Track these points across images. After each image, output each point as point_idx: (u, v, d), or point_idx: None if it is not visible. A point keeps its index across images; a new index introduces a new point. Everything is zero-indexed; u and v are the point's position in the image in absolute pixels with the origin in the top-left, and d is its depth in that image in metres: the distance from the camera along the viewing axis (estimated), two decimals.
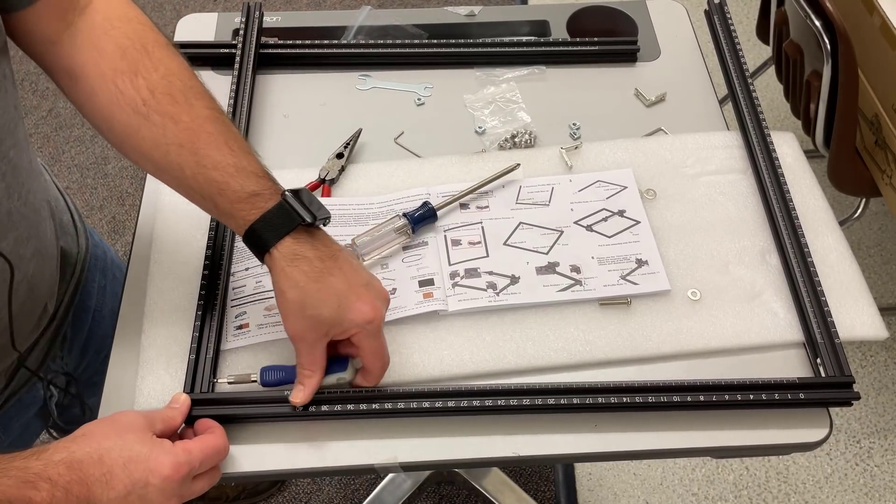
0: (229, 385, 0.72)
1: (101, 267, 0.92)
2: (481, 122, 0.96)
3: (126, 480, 0.58)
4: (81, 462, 0.57)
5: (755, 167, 0.89)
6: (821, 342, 0.75)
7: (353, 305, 0.66)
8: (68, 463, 0.56)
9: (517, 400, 0.71)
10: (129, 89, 0.66)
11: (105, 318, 0.92)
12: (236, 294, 0.79)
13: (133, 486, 0.58)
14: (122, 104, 0.66)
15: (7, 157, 0.65)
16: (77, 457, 0.57)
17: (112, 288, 0.94)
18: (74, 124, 2.15)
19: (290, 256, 0.65)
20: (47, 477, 0.55)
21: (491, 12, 1.09)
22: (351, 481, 1.57)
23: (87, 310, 0.89)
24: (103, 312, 0.92)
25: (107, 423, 0.62)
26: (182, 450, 0.62)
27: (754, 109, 0.93)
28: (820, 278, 0.79)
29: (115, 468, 0.58)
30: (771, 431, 0.72)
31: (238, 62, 0.95)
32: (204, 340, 0.74)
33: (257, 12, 1.01)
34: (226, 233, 0.82)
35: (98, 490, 0.57)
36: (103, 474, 0.57)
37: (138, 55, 0.67)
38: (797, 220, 0.83)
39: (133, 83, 0.66)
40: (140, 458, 0.59)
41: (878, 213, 1.97)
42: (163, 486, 0.59)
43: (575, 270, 0.81)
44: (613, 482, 1.57)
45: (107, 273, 0.94)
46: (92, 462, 0.57)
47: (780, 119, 2.11)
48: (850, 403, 0.72)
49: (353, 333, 0.67)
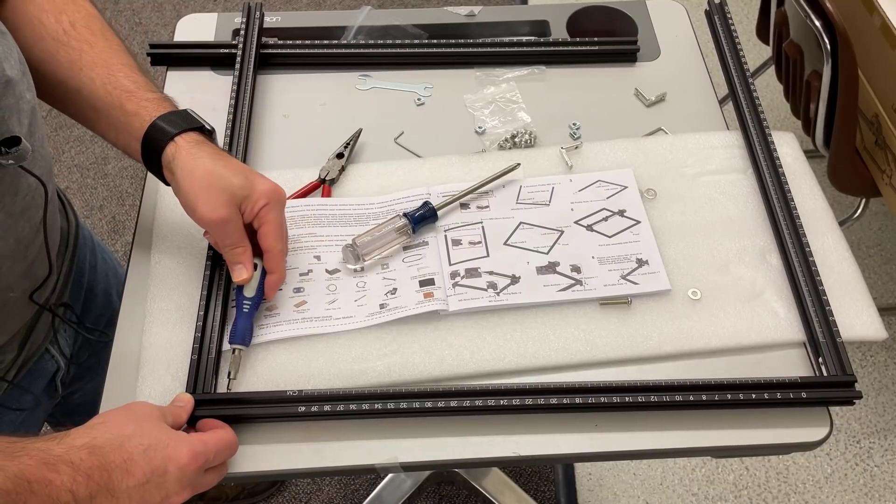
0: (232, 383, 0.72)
1: (89, 245, 0.94)
2: (481, 122, 0.96)
3: (146, 468, 0.58)
4: (103, 448, 0.57)
5: (756, 167, 0.89)
6: (823, 341, 0.75)
7: (258, 178, 0.73)
8: (90, 448, 0.57)
9: (517, 400, 0.71)
10: (52, 23, 0.74)
11: (98, 297, 0.94)
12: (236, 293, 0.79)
13: (152, 474, 0.58)
14: (44, 34, 0.74)
15: (27, 99, 0.68)
16: (99, 442, 0.57)
17: (102, 268, 0.96)
18: (74, 124, 2.15)
19: (193, 142, 0.72)
20: (69, 461, 0.55)
21: (491, 12, 1.09)
22: (351, 481, 1.57)
23: (81, 286, 0.91)
24: (95, 291, 0.94)
25: (123, 411, 0.62)
26: (199, 440, 0.62)
27: (755, 109, 0.93)
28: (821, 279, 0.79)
29: (135, 455, 0.58)
30: (771, 431, 0.72)
31: (239, 63, 0.95)
32: (206, 340, 0.74)
33: (258, 13, 1.01)
34: None
35: (118, 477, 0.57)
36: (124, 461, 0.57)
37: (63, 2, 0.76)
38: (798, 220, 0.83)
39: (56, 19, 0.74)
40: (160, 446, 0.59)
41: (878, 213, 1.97)
42: (180, 474, 0.60)
43: (575, 270, 0.81)
44: (613, 482, 1.57)
45: (96, 253, 0.96)
46: (113, 448, 0.58)
47: (780, 119, 2.11)
48: (853, 402, 0.72)
49: (262, 206, 0.72)
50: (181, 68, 1.00)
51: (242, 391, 0.73)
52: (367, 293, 0.79)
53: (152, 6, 2.46)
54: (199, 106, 0.93)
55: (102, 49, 0.75)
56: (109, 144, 0.76)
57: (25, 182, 0.69)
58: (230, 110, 0.91)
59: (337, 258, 0.81)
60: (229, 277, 0.78)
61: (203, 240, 0.81)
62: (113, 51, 0.75)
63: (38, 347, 0.83)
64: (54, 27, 0.74)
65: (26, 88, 0.67)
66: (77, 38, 0.74)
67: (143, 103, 0.73)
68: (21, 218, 0.71)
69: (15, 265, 0.73)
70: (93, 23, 0.76)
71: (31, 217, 0.73)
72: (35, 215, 0.73)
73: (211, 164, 0.71)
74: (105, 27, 0.77)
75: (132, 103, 0.73)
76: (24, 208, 0.71)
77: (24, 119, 0.67)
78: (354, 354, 0.75)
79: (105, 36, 0.76)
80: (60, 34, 0.74)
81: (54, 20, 0.74)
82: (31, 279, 0.77)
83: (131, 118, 0.72)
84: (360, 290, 0.79)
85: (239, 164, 0.74)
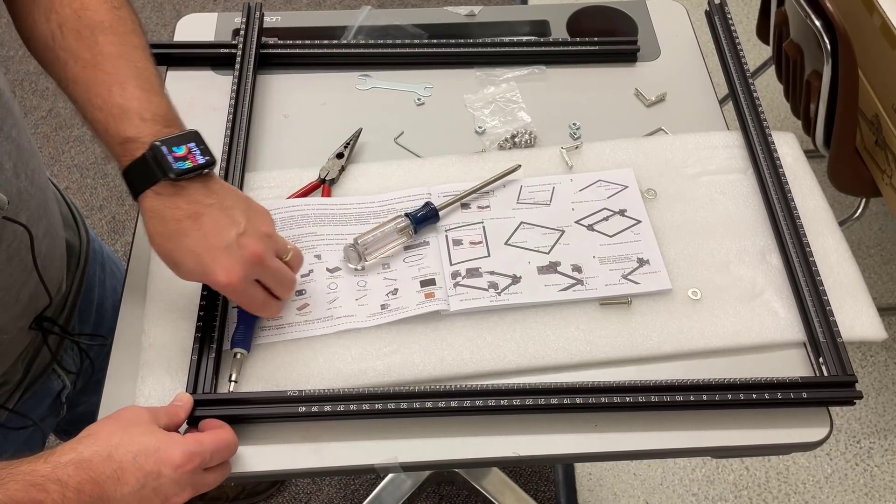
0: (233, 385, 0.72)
1: (99, 261, 0.93)
2: (481, 121, 0.96)
3: (138, 474, 0.58)
4: (90, 461, 0.57)
5: (756, 167, 0.89)
6: (823, 341, 0.75)
7: (208, 268, 0.65)
8: (77, 463, 0.56)
9: (517, 400, 0.71)
10: (43, 23, 0.68)
11: (108, 312, 0.92)
12: None
13: (146, 479, 0.58)
14: (37, 37, 0.69)
15: (10, 137, 0.65)
16: (85, 456, 0.57)
17: (111, 282, 0.94)
18: (74, 124, 2.15)
19: (148, 212, 0.66)
20: (56, 478, 0.55)
21: (491, 12, 1.09)
22: (351, 481, 1.57)
23: (91, 302, 0.90)
24: (105, 306, 0.93)
25: (111, 421, 0.61)
26: (193, 440, 0.62)
27: (755, 109, 0.93)
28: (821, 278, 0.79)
29: (125, 463, 0.57)
30: (771, 431, 0.72)
31: (239, 63, 0.95)
32: (206, 340, 0.74)
33: (258, 13, 1.01)
34: None
35: (110, 487, 0.56)
36: (114, 471, 0.57)
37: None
38: (799, 220, 0.83)
39: (47, 17, 0.68)
40: (149, 451, 0.59)
41: (878, 213, 1.97)
42: (175, 475, 0.59)
43: (576, 270, 0.81)
44: (613, 482, 1.57)
45: (105, 267, 0.94)
46: (101, 460, 0.57)
47: (780, 119, 2.11)
48: (853, 402, 0.72)
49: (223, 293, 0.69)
50: (181, 68, 1.00)
51: (243, 391, 0.73)
52: (368, 293, 0.79)
53: (152, 6, 2.46)
54: (200, 106, 0.94)
55: (86, 63, 0.67)
56: None
57: (10, 230, 0.67)
58: (230, 111, 0.91)
59: (337, 257, 0.81)
60: None
61: None
62: (96, 62, 0.67)
63: (45, 368, 0.82)
64: (44, 30, 0.68)
65: (11, 127, 0.65)
66: (63, 48, 0.67)
67: (114, 148, 0.67)
68: (8, 265, 0.68)
69: (6, 310, 0.71)
70: (82, 21, 0.68)
71: (21, 261, 0.70)
72: (25, 258, 0.70)
73: (161, 245, 0.66)
74: (95, 22, 0.68)
75: (106, 142, 0.67)
76: (11, 256, 0.68)
77: (6, 163, 0.65)
78: (354, 354, 0.75)
79: (94, 36, 0.68)
80: (49, 41, 0.68)
81: (44, 18, 0.68)
82: (27, 316, 0.75)
83: (112, 148, 0.67)
84: (361, 290, 0.79)
85: (192, 247, 0.65)
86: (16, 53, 2.32)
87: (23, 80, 2.24)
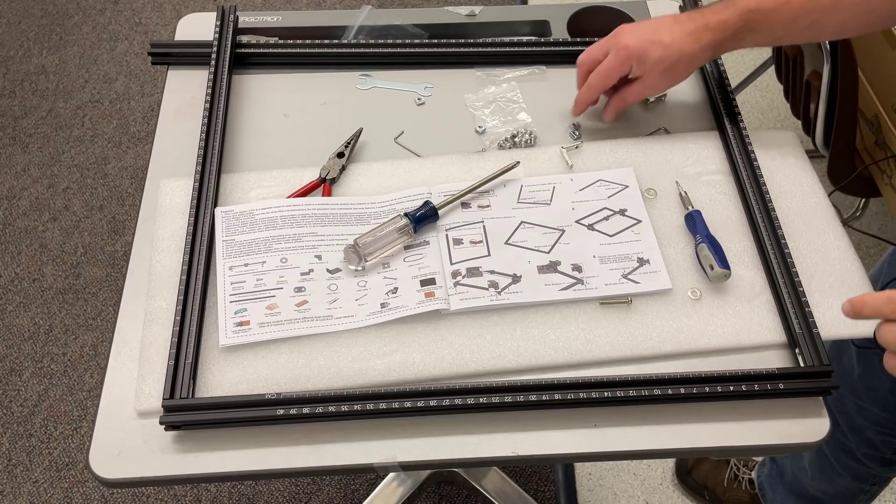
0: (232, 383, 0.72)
1: None
2: (481, 121, 0.96)
3: None
4: None
5: (734, 167, 0.89)
6: (799, 332, 0.76)
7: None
8: None
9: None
10: None
11: None
12: (235, 290, 0.78)
13: None
14: None
15: None
16: None
17: None
18: (74, 124, 2.15)
19: None
20: None
21: (491, 12, 1.09)
22: (351, 481, 1.57)
23: None
24: None
25: None
26: None
27: (732, 109, 0.94)
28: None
29: None
30: (771, 431, 0.72)
31: (213, 65, 0.96)
32: (183, 345, 0.74)
33: (232, 15, 1.01)
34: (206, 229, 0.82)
35: None
36: None
37: None
38: (774, 213, 0.84)
39: None
40: None
41: (878, 214, 1.97)
42: None
43: (576, 269, 0.81)
44: (613, 482, 1.57)
45: None
46: None
47: (780, 119, 2.11)
48: (830, 392, 0.72)
49: None
50: (182, 67, 1.00)
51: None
52: (368, 292, 0.79)
53: (152, 6, 2.46)
54: (200, 105, 0.94)
55: None
56: (109, 144, 0.73)
57: None
58: (205, 113, 0.91)
59: (338, 258, 0.81)
60: (208, 278, 0.78)
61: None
62: None
63: None
64: None
65: None
66: None
67: None
68: None
69: None
70: None
71: None
72: None
73: None
74: None
75: None
76: None
77: None
78: (354, 353, 0.75)
79: None
80: None
81: None
82: None
83: None
84: (361, 290, 0.79)
85: None
86: (16, 53, 2.32)
87: (23, 81, 2.24)
